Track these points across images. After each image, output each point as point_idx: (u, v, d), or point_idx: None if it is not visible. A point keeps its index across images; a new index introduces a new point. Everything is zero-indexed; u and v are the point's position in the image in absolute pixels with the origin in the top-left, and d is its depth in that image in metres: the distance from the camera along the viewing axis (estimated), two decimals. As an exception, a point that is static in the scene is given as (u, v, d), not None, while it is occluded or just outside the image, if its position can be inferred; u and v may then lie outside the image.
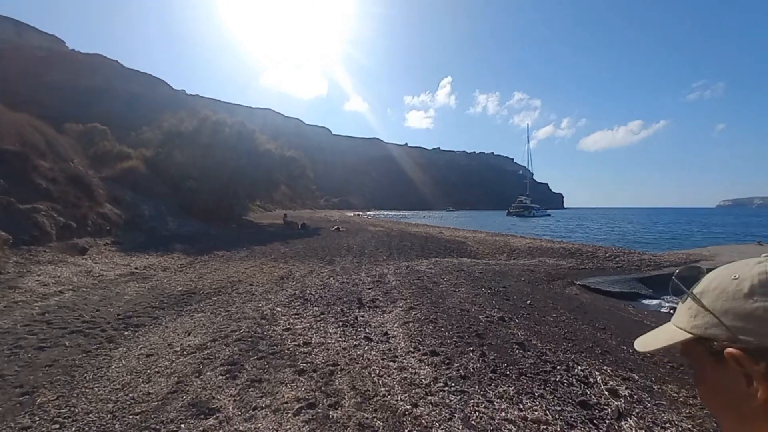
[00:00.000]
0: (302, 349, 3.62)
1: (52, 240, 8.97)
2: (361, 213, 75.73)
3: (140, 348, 3.91)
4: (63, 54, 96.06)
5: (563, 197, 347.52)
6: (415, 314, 4.80)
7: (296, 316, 4.80)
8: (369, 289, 6.46)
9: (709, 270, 0.55)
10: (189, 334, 4.25)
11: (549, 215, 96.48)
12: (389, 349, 3.63)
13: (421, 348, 3.62)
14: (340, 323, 4.48)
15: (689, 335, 0.53)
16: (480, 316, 4.71)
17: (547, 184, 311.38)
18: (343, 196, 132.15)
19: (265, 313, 4.99)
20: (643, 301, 9.10)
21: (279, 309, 5.17)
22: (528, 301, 5.78)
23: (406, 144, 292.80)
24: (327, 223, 27.87)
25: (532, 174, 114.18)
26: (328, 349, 3.62)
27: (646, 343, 0.60)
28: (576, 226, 47.01)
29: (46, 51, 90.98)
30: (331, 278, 7.65)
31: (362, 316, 4.75)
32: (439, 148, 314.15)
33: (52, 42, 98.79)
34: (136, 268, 8.57)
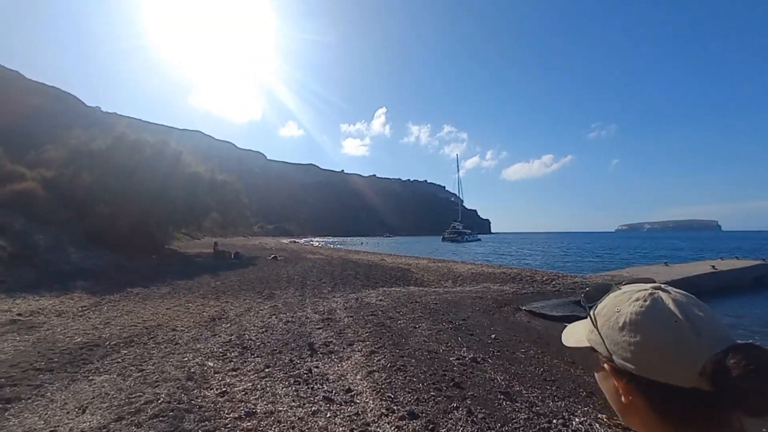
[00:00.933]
0: (245, 424, 2.79)
1: None
2: (297, 240, 73.26)
3: (6, 439, 2.78)
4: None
5: (490, 223, 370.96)
6: (379, 360, 4.16)
7: (234, 373, 3.90)
8: (319, 329, 5.68)
9: (618, 284, 0.67)
10: (84, 411, 3.16)
11: (479, 240, 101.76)
12: (357, 414, 2.95)
13: (396, 408, 2.99)
14: (291, 379, 3.68)
15: (587, 344, 0.67)
16: (451, 358, 4.21)
17: (476, 210, 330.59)
18: (279, 223, 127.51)
19: (192, 370, 4.01)
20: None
21: (211, 363, 4.20)
22: (493, 335, 5.44)
23: (343, 171, 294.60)
24: (263, 252, 26.07)
25: (463, 201, 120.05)
26: (279, 421, 2.83)
27: (566, 337, 0.74)
28: (505, 251, 49.68)
29: None
30: (273, 317, 6.71)
31: (317, 367, 3.99)
32: (375, 175, 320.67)
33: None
34: (19, 314, 6.83)
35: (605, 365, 0.62)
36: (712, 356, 0.50)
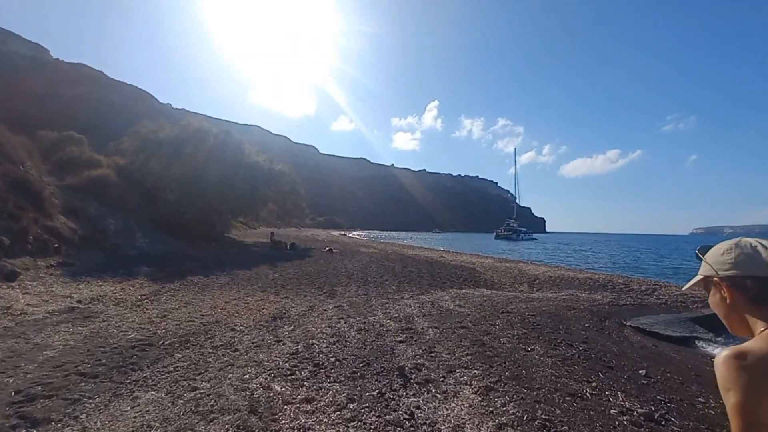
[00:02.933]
0: None
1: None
2: (347, 233, 73.81)
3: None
4: (46, 62, 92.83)
5: (545, 221, 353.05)
6: (504, 404, 2.97)
7: (308, 407, 2.91)
8: (401, 342, 4.61)
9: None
10: (118, 454, 2.31)
11: (535, 239, 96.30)
12: None
13: None
14: (387, 425, 2.62)
15: (701, 276, 1.03)
16: (612, 411, 2.93)
17: (529, 208, 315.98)
18: (329, 215, 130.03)
19: (255, 395, 3.09)
20: (705, 347, 7.50)
21: (278, 387, 3.26)
22: (642, 371, 4.02)
23: (393, 165, 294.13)
24: (316, 243, 25.82)
25: (516, 198, 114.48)
26: None
27: (686, 286, 1.15)
28: (572, 251, 46.02)
29: (29, 59, 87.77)
30: (342, 321, 5.76)
31: (418, 408, 2.90)
32: (425, 169, 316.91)
33: (36, 50, 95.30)
34: (78, 301, 6.48)
35: (715, 280, 1.00)
36: (740, 258, 0.92)
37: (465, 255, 22.67)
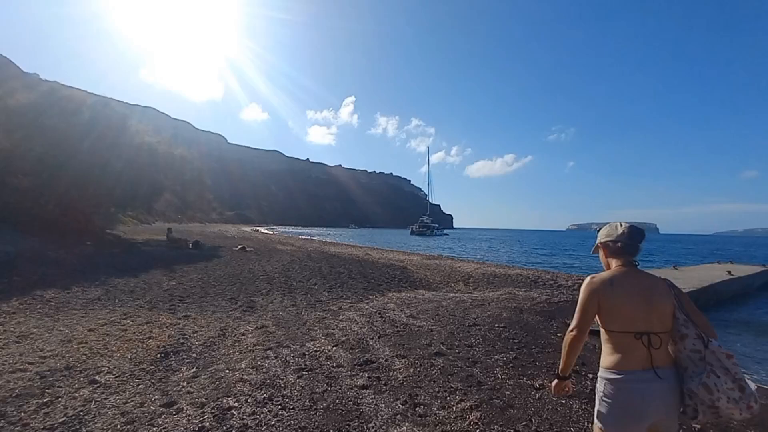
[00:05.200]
0: None
1: None
2: (260, 228, 69.08)
3: None
4: None
5: (453, 218, 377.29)
6: None
7: None
8: (364, 387, 3.20)
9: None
10: None
11: (447, 234, 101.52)
12: None
13: None
14: None
15: (596, 244, 1.84)
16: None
17: (439, 205, 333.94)
18: (239, 210, 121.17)
19: None
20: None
21: None
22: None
23: (308, 159, 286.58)
24: (225, 241, 22.75)
25: (427, 195, 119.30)
26: None
27: (592, 250, 1.93)
28: (485, 246, 48.72)
29: None
30: (269, 351, 4.13)
31: None
32: (341, 165, 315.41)
33: None
34: None
35: (599, 247, 1.83)
36: (625, 229, 1.71)
37: (392, 252, 21.86)
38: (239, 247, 17.33)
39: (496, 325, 5.46)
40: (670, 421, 1.54)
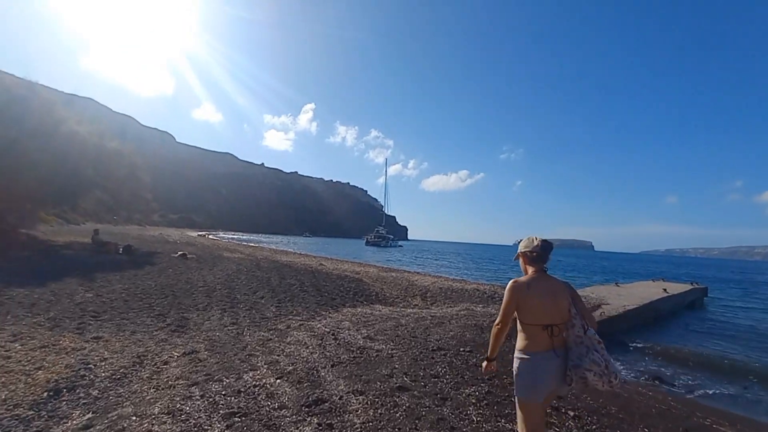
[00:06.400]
0: None
1: None
2: (208, 234, 65.22)
3: None
4: None
5: (407, 229, 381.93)
6: None
7: None
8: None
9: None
10: None
11: (401, 246, 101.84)
12: None
13: None
14: None
15: (517, 253, 2.23)
16: None
17: (395, 216, 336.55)
18: (185, 213, 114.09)
19: None
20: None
21: None
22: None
23: (263, 164, 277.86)
24: (165, 246, 20.78)
25: (384, 207, 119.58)
26: None
27: (513, 259, 2.33)
28: (440, 259, 49.04)
29: None
30: (194, 388, 3.32)
31: None
32: (297, 172, 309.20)
33: None
34: None
35: (519, 256, 2.20)
36: (538, 242, 2.13)
37: (346, 263, 21.09)
38: (179, 253, 15.77)
39: (462, 349, 4.99)
40: (562, 387, 2.03)
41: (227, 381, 3.52)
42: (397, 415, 2.90)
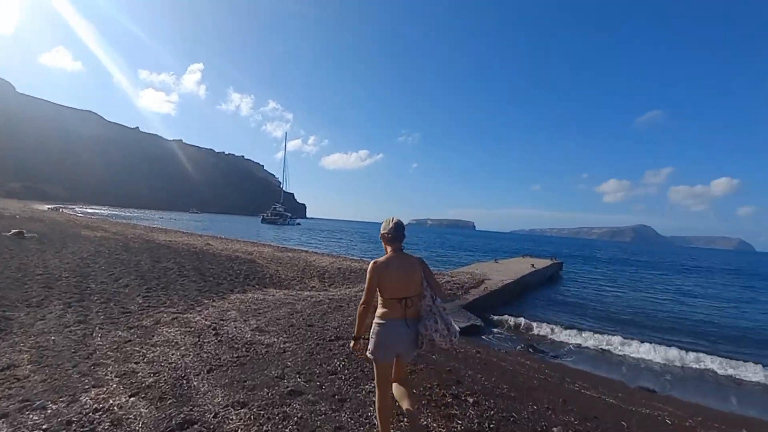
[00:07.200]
0: None
1: None
2: (64, 207, 54.55)
3: None
4: None
5: (306, 207, 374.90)
6: None
7: None
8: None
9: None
10: None
11: (299, 224, 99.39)
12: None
13: None
14: None
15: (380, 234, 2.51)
16: None
17: (293, 194, 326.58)
18: (32, 183, 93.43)
19: None
20: (486, 337, 8.07)
21: None
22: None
23: (138, 128, 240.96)
24: (-7, 222, 16.40)
25: (283, 183, 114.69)
26: None
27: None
28: (337, 237, 48.87)
29: None
30: (1, 422, 2.41)
31: None
32: (182, 140, 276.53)
33: None
34: None
35: (381, 237, 2.33)
36: (392, 224, 2.31)
37: (238, 242, 19.41)
38: (13, 231, 12.53)
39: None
40: (409, 351, 2.27)
41: (54, 407, 2.64)
42: (287, 430, 2.46)
